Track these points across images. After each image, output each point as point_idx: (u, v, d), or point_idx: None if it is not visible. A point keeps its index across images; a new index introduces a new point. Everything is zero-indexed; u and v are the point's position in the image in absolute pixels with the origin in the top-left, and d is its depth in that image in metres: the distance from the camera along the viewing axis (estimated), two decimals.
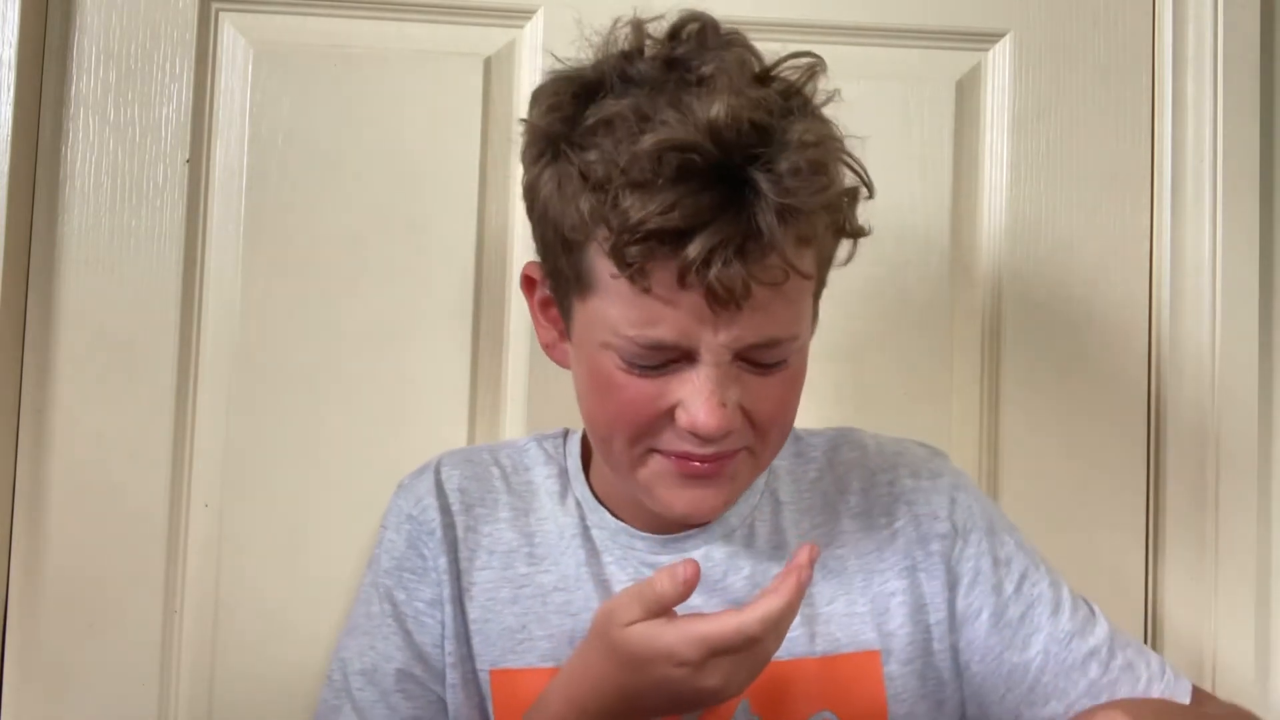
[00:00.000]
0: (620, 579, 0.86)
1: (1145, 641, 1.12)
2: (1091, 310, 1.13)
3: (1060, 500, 1.12)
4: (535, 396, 1.09)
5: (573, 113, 0.76)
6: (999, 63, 1.14)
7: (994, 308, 1.13)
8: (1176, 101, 1.14)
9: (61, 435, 1.06)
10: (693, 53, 0.76)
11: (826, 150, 0.75)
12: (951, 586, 0.87)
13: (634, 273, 0.72)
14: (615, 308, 0.74)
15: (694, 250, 0.70)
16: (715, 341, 0.73)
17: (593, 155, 0.73)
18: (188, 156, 1.08)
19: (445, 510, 0.89)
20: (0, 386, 1.05)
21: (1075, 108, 1.14)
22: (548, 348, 0.86)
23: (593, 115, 0.74)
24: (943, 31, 1.14)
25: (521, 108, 1.10)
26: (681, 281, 0.71)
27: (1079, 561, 1.07)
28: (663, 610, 0.73)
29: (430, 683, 0.87)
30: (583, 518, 0.89)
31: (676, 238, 0.70)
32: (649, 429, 0.77)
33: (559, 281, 0.80)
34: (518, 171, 1.10)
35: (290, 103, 1.09)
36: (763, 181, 0.70)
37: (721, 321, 0.73)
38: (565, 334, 0.82)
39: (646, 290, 0.72)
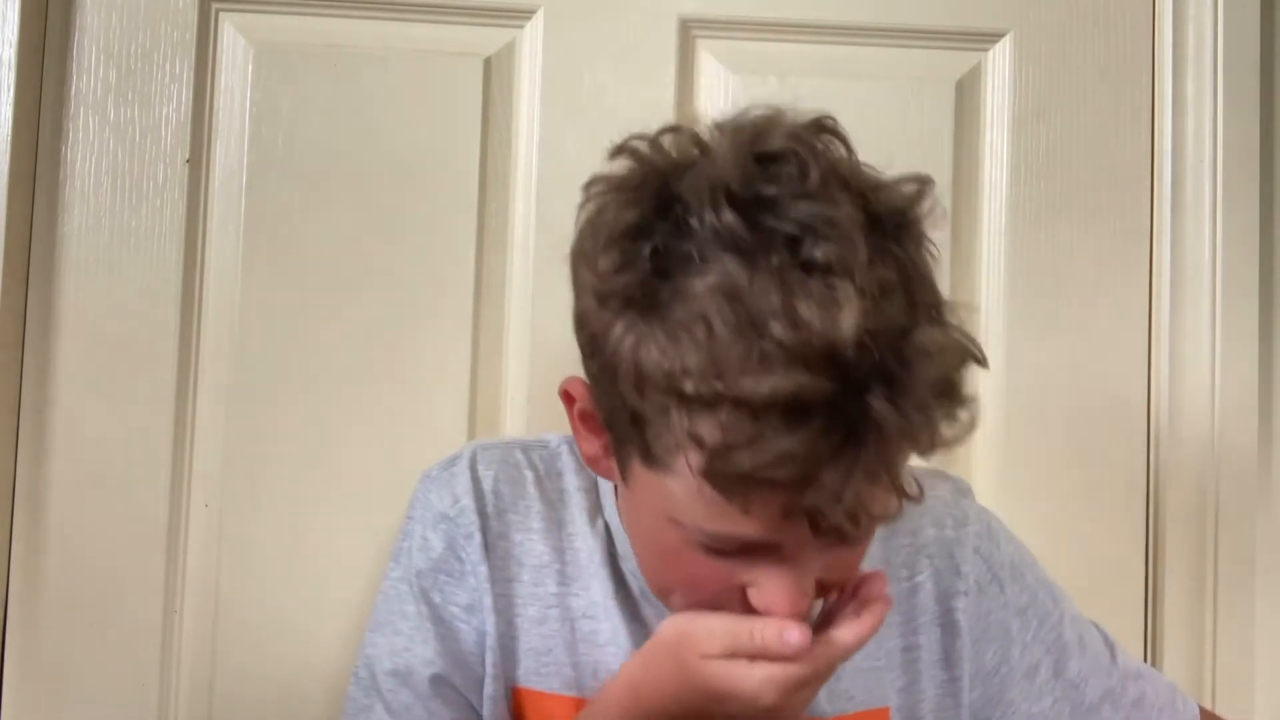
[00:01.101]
0: (654, 617, 0.81)
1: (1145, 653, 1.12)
2: (1090, 310, 1.13)
3: (1059, 509, 1.12)
4: (535, 396, 1.08)
5: (650, 273, 0.64)
6: (999, 63, 1.14)
7: (994, 307, 1.13)
8: (1176, 101, 1.14)
9: (61, 435, 1.06)
10: (791, 195, 0.64)
11: (955, 358, 0.66)
12: (974, 642, 0.85)
13: (729, 499, 0.64)
14: (696, 504, 0.66)
15: (807, 498, 0.62)
16: (809, 547, 0.67)
17: (686, 358, 0.62)
18: (188, 156, 1.08)
19: (482, 513, 0.83)
20: (0, 386, 1.05)
21: (1075, 108, 1.14)
22: (590, 460, 0.77)
23: (679, 293, 0.63)
24: (943, 31, 1.14)
25: (522, 108, 1.11)
26: (786, 516, 0.64)
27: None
28: (748, 656, 0.68)
29: (466, 690, 0.83)
30: (610, 547, 0.83)
31: (786, 483, 0.62)
32: (715, 602, 0.71)
33: (618, 434, 0.70)
34: (517, 172, 1.11)
35: (290, 103, 1.09)
36: (886, 415, 0.61)
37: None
38: (611, 453, 0.73)
39: (743, 511, 0.65)
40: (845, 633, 0.68)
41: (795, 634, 0.67)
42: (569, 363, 1.08)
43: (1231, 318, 1.12)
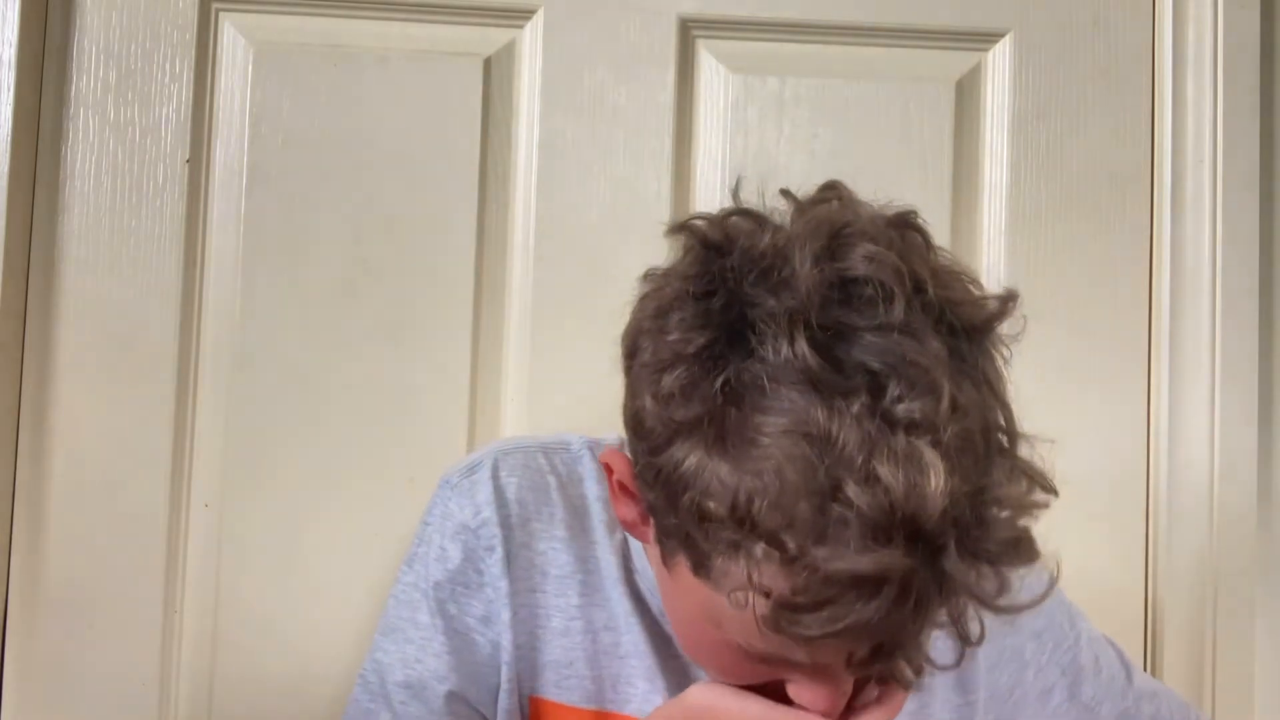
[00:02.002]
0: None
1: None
2: (1091, 310, 1.13)
3: (1055, 507, 1.11)
4: (535, 396, 1.09)
5: (718, 406, 0.60)
6: (999, 63, 1.14)
7: None
8: (1176, 101, 1.14)
9: (61, 435, 1.06)
10: (872, 328, 0.59)
11: (1028, 514, 0.62)
12: (989, 666, 0.85)
13: (791, 641, 0.61)
14: (749, 630, 0.62)
15: (866, 653, 0.61)
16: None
17: (757, 506, 0.58)
18: (188, 156, 1.08)
19: (505, 524, 0.80)
20: (0, 386, 1.05)
21: (1075, 108, 1.14)
22: (627, 524, 0.73)
23: (749, 429, 0.59)
24: (943, 31, 1.14)
25: (522, 108, 1.11)
26: (848, 666, 0.63)
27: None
28: None
29: (480, 704, 0.81)
30: (627, 563, 0.81)
31: (849, 640, 0.60)
32: (750, 689, 0.69)
33: (664, 532, 0.66)
34: (517, 172, 1.11)
35: (290, 103, 1.09)
36: (957, 574, 0.58)
37: None
38: (650, 521, 0.69)
39: (804, 653, 0.62)
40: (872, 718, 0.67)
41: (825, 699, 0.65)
42: (569, 362, 1.08)
43: (1231, 318, 1.12)
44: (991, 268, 1.13)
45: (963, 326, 0.62)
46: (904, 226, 0.64)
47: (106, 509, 1.06)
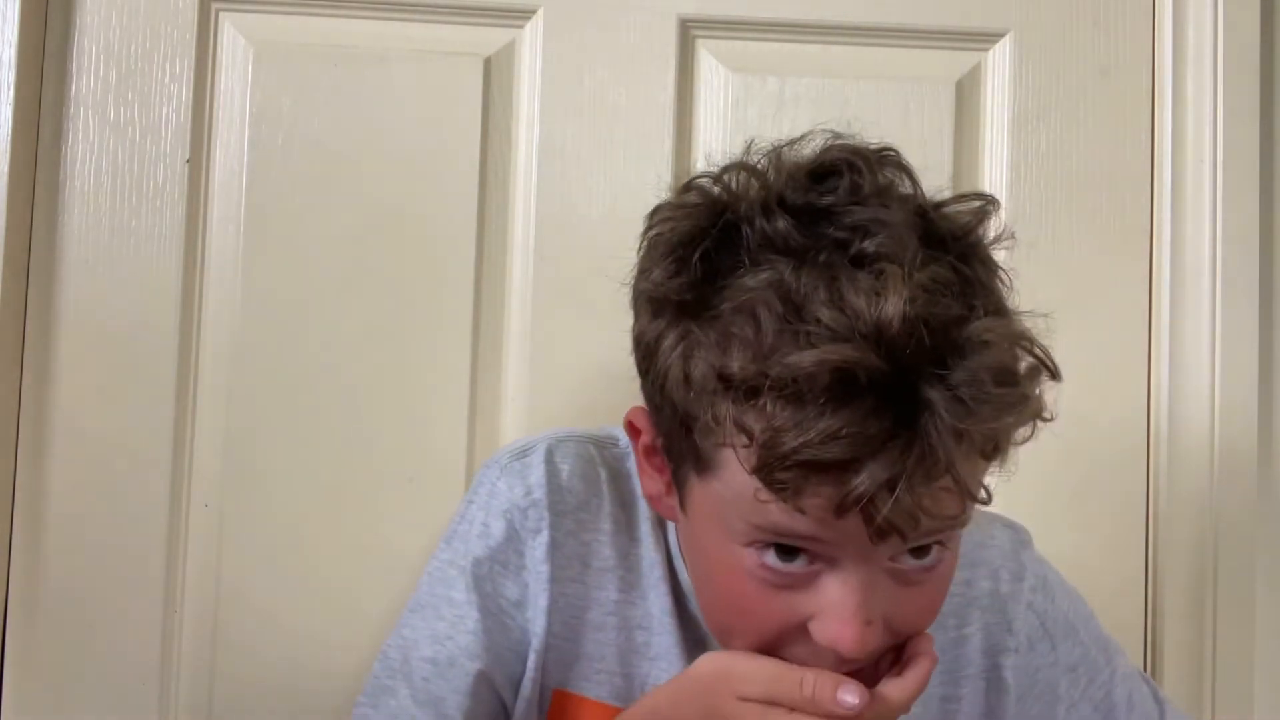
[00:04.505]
0: (712, 636, 0.77)
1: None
2: (1091, 310, 1.13)
3: (1055, 510, 1.12)
4: (535, 396, 1.09)
5: (700, 277, 0.65)
6: (999, 63, 1.14)
7: None
8: (1176, 101, 1.14)
9: (61, 435, 1.06)
10: (844, 204, 0.64)
11: (1011, 351, 0.63)
12: (1019, 699, 0.83)
13: (782, 496, 0.62)
14: (749, 504, 0.63)
15: (858, 486, 0.59)
16: (869, 552, 0.63)
17: (732, 351, 0.62)
18: (188, 156, 1.08)
19: (555, 509, 0.79)
20: (0, 386, 1.05)
21: (1075, 108, 1.14)
22: (653, 499, 0.76)
23: (728, 293, 0.63)
24: (943, 31, 1.14)
25: (522, 108, 1.11)
26: (839, 512, 0.61)
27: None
28: (789, 706, 0.65)
29: (503, 688, 0.80)
30: (669, 562, 0.80)
31: (837, 468, 0.59)
32: (778, 642, 0.67)
33: (674, 451, 0.69)
34: (517, 172, 1.11)
35: (290, 103, 1.09)
36: (940, 401, 0.59)
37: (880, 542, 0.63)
38: (674, 490, 0.72)
39: (797, 510, 0.62)
40: (892, 689, 0.65)
41: (853, 694, 0.63)
42: (569, 362, 1.08)
43: (1231, 318, 1.12)
44: None
45: (944, 228, 0.65)
46: (886, 159, 0.68)
47: (106, 509, 1.06)
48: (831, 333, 0.59)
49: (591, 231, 1.09)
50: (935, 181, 1.12)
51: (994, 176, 1.14)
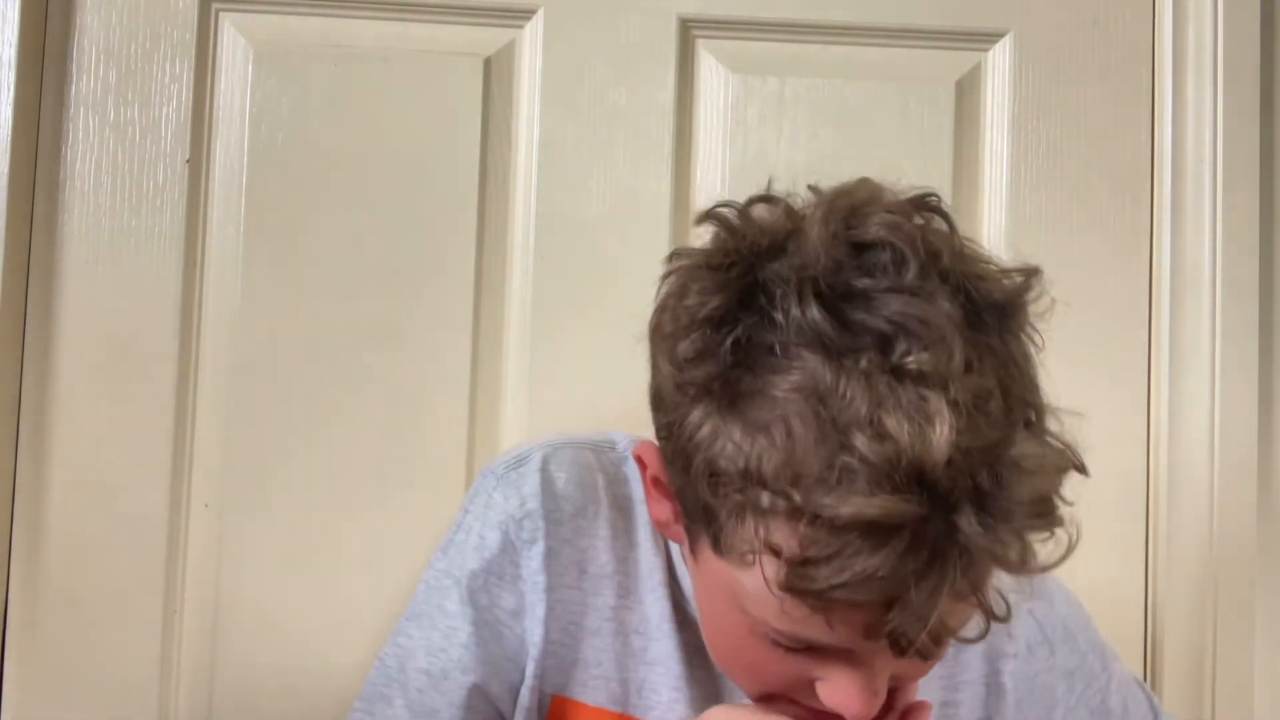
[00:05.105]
0: None
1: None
2: (1091, 310, 1.13)
3: None
4: (535, 397, 1.09)
5: (730, 365, 0.61)
6: (999, 63, 1.14)
7: None
8: (1176, 101, 1.14)
9: (61, 435, 1.06)
10: (884, 289, 0.60)
11: (1049, 478, 0.61)
12: (1017, 704, 0.83)
13: (809, 609, 0.60)
14: (770, 604, 0.62)
15: (890, 621, 0.59)
16: (886, 655, 0.63)
17: (763, 459, 0.59)
18: (188, 156, 1.08)
19: (550, 518, 0.78)
20: (0, 386, 1.05)
21: (1075, 108, 1.14)
22: (661, 524, 0.74)
23: (759, 387, 0.60)
24: (943, 31, 1.14)
25: (522, 108, 1.11)
26: (867, 636, 0.61)
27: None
28: None
29: (499, 699, 0.80)
30: (670, 569, 0.80)
31: (870, 604, 0.59)
32: (782, 693, 0.68)
33: (690, 515, 0.67)
34: (517, 172, 1.11)
35: (290, 103, 1.09)
36: (976, 535, 0.57)
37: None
38: (682, 521, 0.69)
39: (823, 622, 0.61)
40: None
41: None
42: (569, 362, 1.08)
43: (1231, 319, 1.12)
44: None
45: (982, 299, 0.62)
46: (924, 206, 0.64)
47: (106, 509, 1.06)
48: (870, 471, 0.56)
49: (591, 231, 1.09)
50: (935, 182, 1.13)
51: (994, 176, 1.14)
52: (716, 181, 1.11)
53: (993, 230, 1.13)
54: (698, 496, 0.64)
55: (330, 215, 1.09)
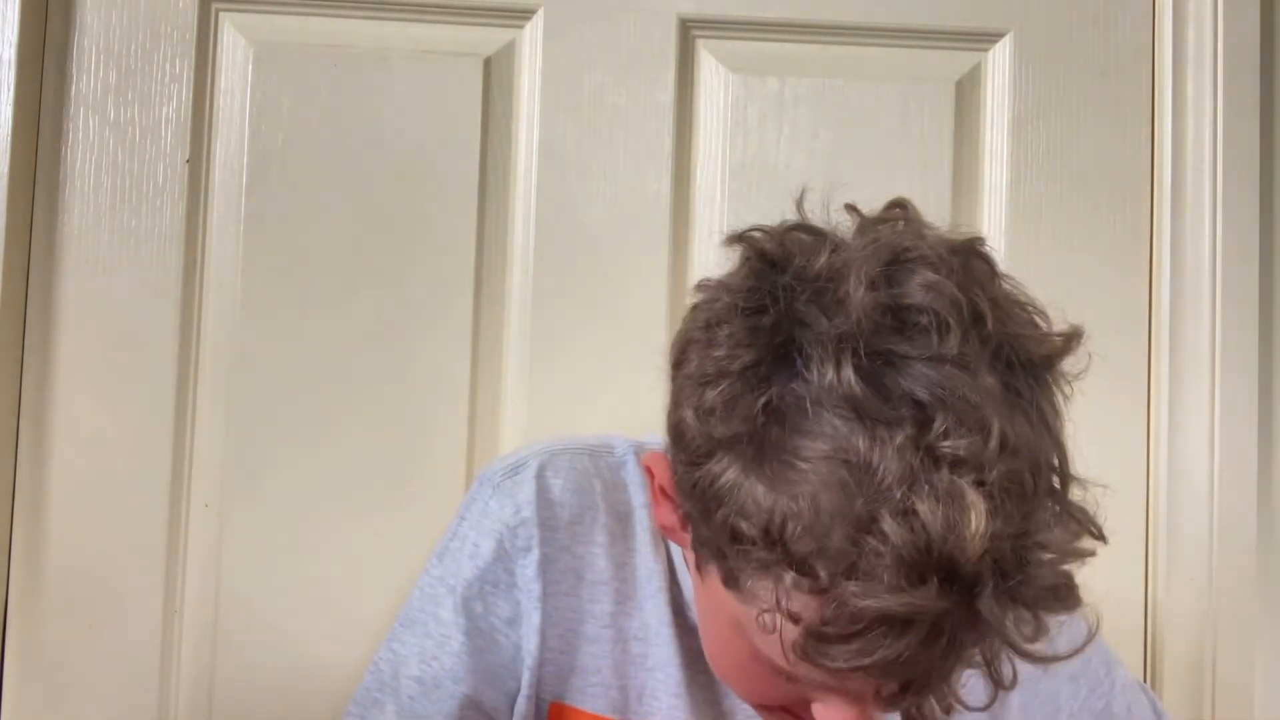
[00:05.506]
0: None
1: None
2: (1091, 310, 1.12)
3: None
4: (535, 396, 1.09)
5: (761, 425, 0.59)
6: (999, 63, 1.14)
7: None
8: (1176, 101, 1.14)
9: (61, 435, 1.06)
10: (923, 358, 0.58)
11: (1073, 561, 0.60)
12: (1021, 707, 0.83)
13: (819, 671, 0.60)
14: (778, 649, 0.61)
15: (901, 698, 0.60)
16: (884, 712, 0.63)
17: (787, 525, 0.57)
18: (188, 156, 1.08)
19: (545, 525, 0.77)
20: (0, 386, 1.05)
21: (1075, 108, 1.14)
22: (666, 529, 0.73)
23: (788, 446, 0.58)
24: (943, 31, 1.14)
25: (522, 108, 1.11)
26: (876, 704, 0.62)
27: None
28: None
29: (493, 709, 0.79)
30: (673, 573, 0.79)
31: (877, 675, 0.59)
32: (778, 705, 0.68)
33: (702, 548, 0.66)
34: (517, 172, 1.11)
35: (290, 103, 1.09)
36: (996, 620, 0.57)
37: None
38: (689, 532, 0.68)
39: (833, 682, 0.61)
40: None
41: None
42: (569, 362, 1.08)
43: (1231, 318, 1.12)
44: None
45: (1021, 361, 0.60)
46: (969, 254, 0.62)
47: (106, 509, 1.06)
48: (898, 561, 0.55)
49: (591, 231, 1.09)
50: (935, 182, 1.14)
51: (994, 176, 1.14)
52: (716, 182, 1.11)
53: (993, 230, 1.13)
54: (715, 540, 0.63)
55: (330, 215, 1.09)
